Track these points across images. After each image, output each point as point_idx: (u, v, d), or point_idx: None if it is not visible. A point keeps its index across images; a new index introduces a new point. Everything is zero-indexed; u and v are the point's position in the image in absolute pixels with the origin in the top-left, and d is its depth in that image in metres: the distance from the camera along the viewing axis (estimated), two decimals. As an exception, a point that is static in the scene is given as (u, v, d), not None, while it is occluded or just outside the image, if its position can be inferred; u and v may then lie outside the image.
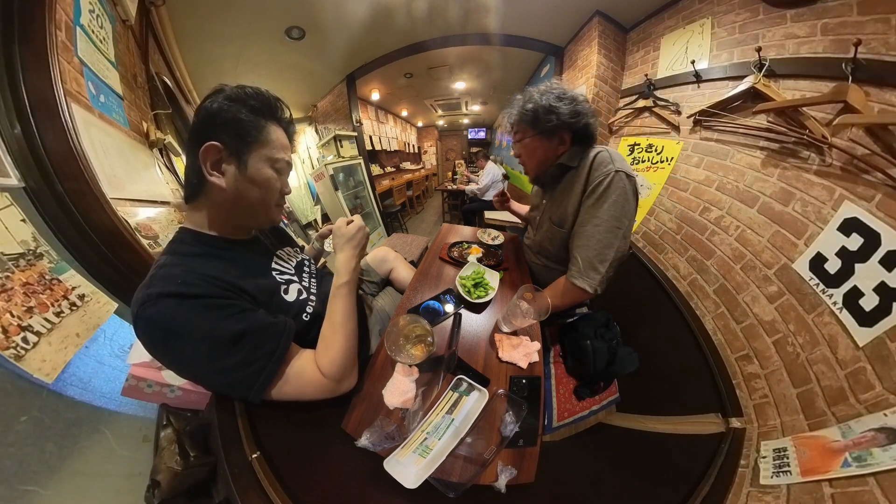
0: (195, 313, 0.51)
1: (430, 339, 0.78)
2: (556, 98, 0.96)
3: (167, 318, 0.49)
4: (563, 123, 0.97)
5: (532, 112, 0.99)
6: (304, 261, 0.88)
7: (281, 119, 0.66)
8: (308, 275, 0.84)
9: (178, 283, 0.52)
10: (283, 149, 0.65)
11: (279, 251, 0.81)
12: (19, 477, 0.58)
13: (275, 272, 0.73)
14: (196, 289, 0.52)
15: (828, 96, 1.04)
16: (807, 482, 0.78)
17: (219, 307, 0.53)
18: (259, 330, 0.56)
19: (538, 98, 0.98)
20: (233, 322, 0.53)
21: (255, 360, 0.54)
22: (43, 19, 0.82)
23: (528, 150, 1.09)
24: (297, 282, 0.76)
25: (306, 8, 2.22)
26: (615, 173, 0.92)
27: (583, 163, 1.00)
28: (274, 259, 0.77)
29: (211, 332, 0.51)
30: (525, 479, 0.63)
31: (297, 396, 0.60)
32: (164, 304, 0.49)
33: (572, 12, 2.46)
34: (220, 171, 0.59)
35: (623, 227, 0.94)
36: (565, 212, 1.05)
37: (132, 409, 0.85)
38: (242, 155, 0.59)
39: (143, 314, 0.49)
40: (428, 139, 7.92)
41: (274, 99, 0.65)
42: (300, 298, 0.72)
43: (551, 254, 1.19)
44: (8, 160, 0.74)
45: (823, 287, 0.99)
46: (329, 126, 4.02)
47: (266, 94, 0.63)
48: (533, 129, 1.03)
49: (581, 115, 0.97)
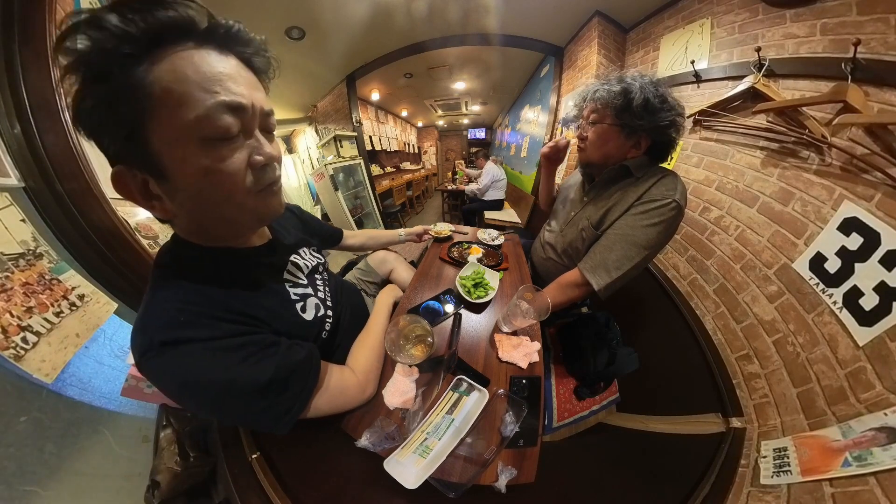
0: (206, 360, 0.42)
1: (430, 340, 0.78)
2: (660, 99, 0.86)
3: (175, 370, 0.42)
4: (652, 129, 0.88)
5: (626, 100, 0.86)
6: (318, 265, 0.78)
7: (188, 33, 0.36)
8: (322, 281, 0.75)
9: (181, 324, 0.43)
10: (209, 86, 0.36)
11: (293, 256, 0.69)
12: (19, 477, 0.58)
13: (288, 284, 0.62)
14: (202, 331, 0.43)
15: (827, 96, 1.04)
16: (807, 482, 0.78)
17: (233, 349, 0.44)
18: (286, 373, 0.48)
19: (638, 88, 0.86)
20: (256, 367, 0.45)
21: (283, 401, 0.48)
22: (43, 19, 0.81)
23: (598, 136, 0.96)
24: (312, 294, 0.67)
25: (306, 8, 2.22)
26: (675, 202, 0.86)
27: (646, 178, 0.93)
28: (287, 268, 0.65)
29: (229, 380, 0.43)
30: (525, 479, 0.63)
31: (334, 411, 0.60)
32: (169, 356, 0.41)
33: (572, 12, 2.46)
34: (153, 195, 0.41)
35: (651, 251, 0.91)
36: (607, 216, 0.98)
37: (132, 410, 0.85)
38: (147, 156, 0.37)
39: (147, 366, 0.42)
40: (428, 139, 7.91)
41: (150, 2, 0.33)
42: (318, 315, 0.65)
43: (581, 253, 1.07)
44: (8, 160, 0.74)
45: (823, 287, 0.99)
46: (329, 126, 4.01)
47: (127, 9, 0.32)
48: (617, 118, 0.90)
49: (673, 129, 0.89)
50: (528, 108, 4.25)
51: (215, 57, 0.38)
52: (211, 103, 0.36)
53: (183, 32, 0.35)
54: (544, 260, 1.29)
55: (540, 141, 3.47)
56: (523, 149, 4.32)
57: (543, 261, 1.30)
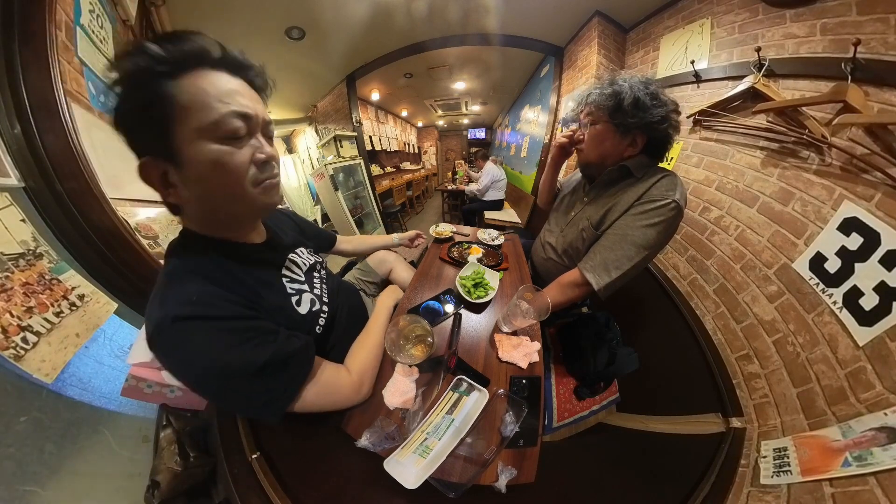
0: (211, 337, 0.47)
1: (430, 339, 0.78)
2: (651, 97, 0.88)
3: (184, 344, 0.47)
4: (644, 125, 0.90)
5: (616, 100, 0.89)
6: (316, 263, 0.83)
7: (205, 60, 0.47)
8: (319, 279, 0.79)
9: (194, 303, 0.48)
10: (221, 98, 0.46)
11: (291, 254, 0.74)
12: (19, 477, 0.58)
13: (285, 279, 0.67)
14: (213, 310, 0.48)
15: (827, 96, 1.04)
16: (807, 482, 0.78)
17: (235, 331, 0.49)
18: (281, 360, 0.52)
19: (628, 88, 0.88)
20: (254, 351, 0.49)
21: (276, 387, 0.52)
22: (43, 19, 0.82)
23: (594, 137, 0.99)
24: (308, 291, 0.71)
25: (306, 8, 2.22)
26: (674, 202, 0.87)
27: (646, 178, 0.94)
28: (285, 264, 0.71)
29: (230, 359, 0.47)
30: (525, 479, 0.63)
31: (324, 408, 0.61)
32: (180, 328, 0.46)
33: (572, 12, 2.46)
34: (171, 183, 0.49)
35: (651, 251, 0.91)
36: (607, 217, 0.99)
37: (132, 410, 0.85)
38: (168, 149, 0.46)
39: (159, 338, 0.47)
40: (428, 139, 7.92)
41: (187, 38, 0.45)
42: (313, 310, 0.68)
43: (581, 253, 1.07)
44: (8, 160, 0.74)
45: (823, 287, 0.99)
46: (329, 126, 4.02)
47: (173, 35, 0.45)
48: (610, 118, 0.93)
49: (667, 124, 0.90)
50: (528, 108, 4.26)
51: (226, 77, 0.49)
52: (225, 111, 0.46)
53: (201, 59, 0.46)
54: (544, 260, 1.29)
55: (540, 141, 3.47)
56: (523, 149, 4.32)
57: (543, 261, 1.30)
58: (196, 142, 0.45)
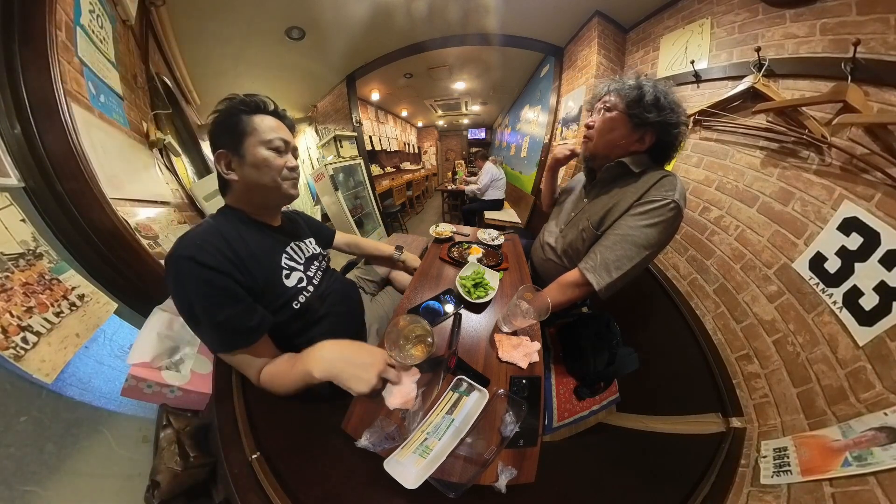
0: (194, 280, 0.61)
1: (430, 340, 0.78)
2: (672, 102, 0.91)
3: (176, 276, 0.62)
4: (658, 124, 0.91)
5: (638, 94, 0.91)
6: (318, 255, 0.96)
7: (266, 110, 0.77)
8: (317, 268, 0.92)
9: (195, 246, 0.63)
10: (273, 130, 0.75)
11: (298, 242, 0.90)
12: (19, 477, 0.58)
13: (285, 256, 0.82)
14: (203, 255, 0.62)
15: (827, 96, 1.04)
16: (807, 482, 0.78)
17: (214, 285, 0.62)
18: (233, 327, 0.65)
19: (652, 86, 0.92)
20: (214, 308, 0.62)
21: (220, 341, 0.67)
22: (43, 19, 0.82)
23: (606, 122, 0.99)
24: (301, 271, 0.84)
25: (306, 8, 2.22)
26: (674, 202, 0.88)
27: (646, 177, 0.95)
28: (290, 245, 0.86)
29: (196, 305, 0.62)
30: (525, 479, 0.63)
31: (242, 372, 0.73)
32: (177, 263, 0.62)
33: (572, 13, 2.46)
34: (232, 168, 0.74)
35: (651, 251, 0.92)
36: (607, 217, 0.99)
37: (132, 410, 0.85)
38: (239, 148, 0.72)
39: (166, 268, 0.63)
40: (428, 139, 7.92)
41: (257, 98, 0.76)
42: (298, 286, 0.80)
43: (581, 254, 1.07)
44: (8, 160, 0.74)
45: (823, 286, 0.99)
46: (329, 126, 4.02)
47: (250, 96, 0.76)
48: (627, 107, 0.94)
49: (677, 130, 0.93)
50: (528, 108, 4.26)
51: (274, 120, 0.77)
52: (273, 136, 0.74)
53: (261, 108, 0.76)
54: (544, 261, 1.29)
55: (540, 141, 3.47)
56: (523, 149, 4.32)
57: (543, 262, 1.30)
58: (258, 147, 0.73)
